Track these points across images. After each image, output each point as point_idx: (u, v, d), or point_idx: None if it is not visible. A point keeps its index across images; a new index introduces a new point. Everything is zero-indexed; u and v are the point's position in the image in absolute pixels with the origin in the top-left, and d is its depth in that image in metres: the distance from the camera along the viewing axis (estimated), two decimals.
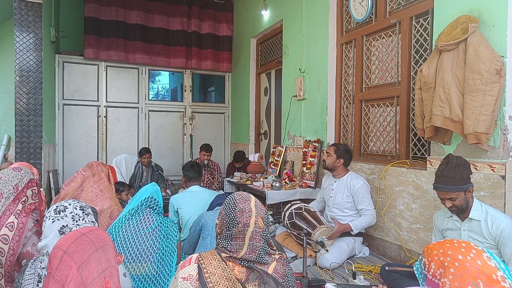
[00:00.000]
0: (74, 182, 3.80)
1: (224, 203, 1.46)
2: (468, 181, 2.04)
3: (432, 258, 1.16)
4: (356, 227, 3.16)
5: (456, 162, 2.04)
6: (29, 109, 4.49)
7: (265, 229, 1.41)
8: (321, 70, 4.27)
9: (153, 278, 1.99)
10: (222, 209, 1.45)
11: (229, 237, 1.38)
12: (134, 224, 2.10)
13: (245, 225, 1.37)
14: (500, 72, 2.24)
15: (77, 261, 1.17)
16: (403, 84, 3.30)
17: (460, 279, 1.06)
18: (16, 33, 4.43)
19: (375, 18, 3.63)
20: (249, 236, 1.36)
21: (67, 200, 1.51)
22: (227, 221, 1.40)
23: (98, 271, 1.18)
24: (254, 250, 1.36)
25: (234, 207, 1.40)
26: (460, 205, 2.05)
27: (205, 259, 1.35)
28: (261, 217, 1.41)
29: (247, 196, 1.45)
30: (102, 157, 6.15)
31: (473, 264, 1.07)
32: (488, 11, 2.42)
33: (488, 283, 1.04)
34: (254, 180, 4.75)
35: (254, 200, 1.45)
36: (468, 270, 1.07)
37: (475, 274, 1.05)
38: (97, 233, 1.27)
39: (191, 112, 6.86)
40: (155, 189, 2.28)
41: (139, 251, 2.01)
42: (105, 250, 1.24)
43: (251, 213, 1.39)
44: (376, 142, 3.68)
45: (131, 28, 6.09)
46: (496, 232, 1.99)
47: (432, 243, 1.23)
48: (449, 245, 1.15)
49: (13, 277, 1.73)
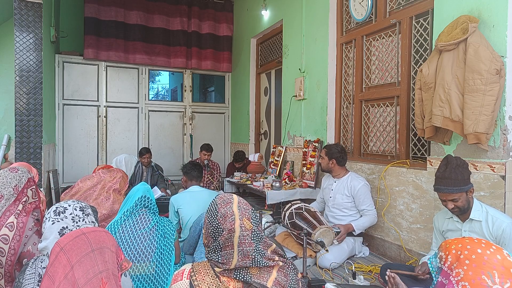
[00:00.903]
0: (90, 180, 3.85)
1: (206, 210, 1.35)
2: (469, 181, 2.04)
3: (449, 252, 1.17)
4: (358, 227, 3.17)
5: (456, 163, 2.03)
6: (29, 109, 4.50)
7: (254, 229, 1.29)
8: (321, 70, 4.27)
9: (152, 277, 1.99)
10: (205, 217, 1.34)
11: (217, 248, 1.27)
12: (131, 225, 2.10)
13: (230, 231, 1.25)
14: (500, 72, 2.24)
15: (71, 259, 1.17)
16: (403, 84, 3.30)
17: (474, 269, 1.07)
18: (16, 33, 4.43)
19: (375, 18, 3.63)
20: (237, 242, 1.25)
21: (66, 201, 1.51)
22: (211, 231, 1.29)
23: (94, 272, 1.17)
24: (247, 256, 1.25)
25: (215, 213, 1.29)
26: (463, 206, 2.04)
27: (198, 274, 1.25)
28: (246, 218, 1.29)
29: (229, 198, 1.33)
30: (102, 157, 6.15)
31: (492, 258, 1.08)
32: (488, 11, 2.42)
33: (505, 275, 1.05)
34: (254, 180, 4.75)
35: (237, 201, 1.33)
36: (485, 262, 1.07)
37: (493, 266, 1.06)
38: (98, 234, 1.27)
39: (191, 112, 6.86)
40: (146, 188, 2.28)
41: (137, 251, 2.01)
42: (102, 252, 1.22)
43: (234, 217, 1.27)
44: (376, 142, 3.68)
45: (131, 28, 6.09)
46: (497, 232, 1.99)
47: (450, 239, 1.23)
48: (469, 240, 1.16)
49: (13, 276, 1.74)
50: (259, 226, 1.33)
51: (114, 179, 3.83)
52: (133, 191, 2.27)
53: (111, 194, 3.67)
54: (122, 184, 3.87)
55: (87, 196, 3.69)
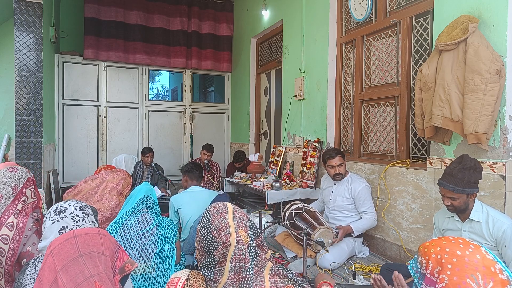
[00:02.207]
0: (93, 181, 3.85)
1: (199, 222, 1.23)
2: (475, 185, 2.01)
3: (429, 257, 1.15)
4: (357, 229, 3.16)
5: (469, 164, 2.01)
6: (29, 109, 4.50)
7: (251, 243, 1.16)
8: (321, 70, 4.27)
9: (152, 277, 1.99)
10: (198, 229, 1.22)
11: (211, 265, 1.15)
12: (132, 225, 2.10)
13: (226, 244, 1.13)
14: (500, 72, 2.24)
15: (57, 264, 1.14)
16: (403, 84, 3.30)
17: (458, 273, 1.06)
18: (16, 33, 4.43)
19: (375, 18, 3.63)
20: (230, 257, 1.12)
21: (66, 201, 1.50)
22: (205, 245, 1.16)
23: (85, 276, 1.14)
24: (238, 274, 1.12)
25: (209, 225, 1.17)
26: (459, 206, 2.05)
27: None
28: (243, 230, 1.16)
29: (223, 208, 1.21)
30: (102, 157, 6.15)
31: (472, 258, 1.07)
32: (488, 11, 2.42)
33: (487, 275, 1.04)
34: (254, 180, 4.75)
35: (232, 211, 1.20)
36: (466, 264, 1.06)
37: (474, 267, 1.05)
38: (88, 238, 1.23)
39: (191, 112, 6.86)
40: (148, 188, 2.27)
41: (138, 251, 2.01)
42: (92, 257, 1.19)
43: (229, 229, 1.14)
44: (376, 142, 3.68)
45: (131, 29, 6.09)
46: (497, 233, 1.98)
47: (427, 241, 1.22)
48: (446, 242, 1.14)
49: (13, 276, 1.73)
50: (257, 239, 1.22)
51: (117, 179, 3.83)
52: (135, 191, 2.27)
53: (114, 195, 3.67)
54: (125, 185, 3.87)
55: (89, 197, 3.70)
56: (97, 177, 3.94)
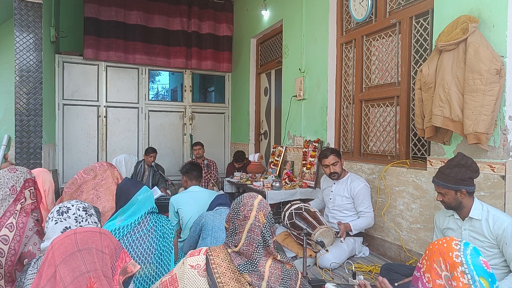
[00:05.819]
0: (74, 184, 3.80)
1: (234, 200, 1.57)
2: (462, 182, 2.02)
3: (425, 250, 1.31)
4: (355, 227, 3.18)
5: (458, 161, 2.05)
6: (29, 109, 4.49)
7: (266, 225, 1.47)
8: (321, 70, 4.27)
9: (152, 278, 1.99)
10: (232, 205, 1.56)
11: (233, 232, 1.47)
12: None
13: (245, 217, 1.45)
14: (500, 72, 2.24)
15: (57, 258, 1.17)
16: (403, 84, 3.30)
17: (429, 258, 1.23)
18: (16, 33, 4.43)
19: (375, 18, 3.63)
20: (247, 228, 1.44)
21: (69, 201, 1.50)
22: (232, 215, 1.50)
23: (81, 271, 1.16)
24: (252, 243, 1.43)
25: (240, 201, 1.52)
26: (449, 202, 2.10)
27: (213, 252, 1.44)
28: (263, 213, 1.47)
29: (254, 195, 1.55)
30: (102, 157, 6.15)
31: (440, 247, 1.22)
32: (488, 11, 2.42)
33: (450, 263, 1.17)
34: (254, 180, 4.75)
35: (260, 199, 1.53)
36: (435, 250, 1.23)
37: (438, 253, 1.21)
38: (88, 235, 1.25)
39: (191, 112, 6.86)
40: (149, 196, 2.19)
41: (137, 254, 2.00)
42: (90, 253, 1.21)
43: (252, 207, 1.47)
44: (376, 142, 3.68)
45: (131, 29, 6.09)
46: (497, 231, 1.99)
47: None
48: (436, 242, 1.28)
49: (13, 277, 1.73)
50: (271, 227, 1.51)
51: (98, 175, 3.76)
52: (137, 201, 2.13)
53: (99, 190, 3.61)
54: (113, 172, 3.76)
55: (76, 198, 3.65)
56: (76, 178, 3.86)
